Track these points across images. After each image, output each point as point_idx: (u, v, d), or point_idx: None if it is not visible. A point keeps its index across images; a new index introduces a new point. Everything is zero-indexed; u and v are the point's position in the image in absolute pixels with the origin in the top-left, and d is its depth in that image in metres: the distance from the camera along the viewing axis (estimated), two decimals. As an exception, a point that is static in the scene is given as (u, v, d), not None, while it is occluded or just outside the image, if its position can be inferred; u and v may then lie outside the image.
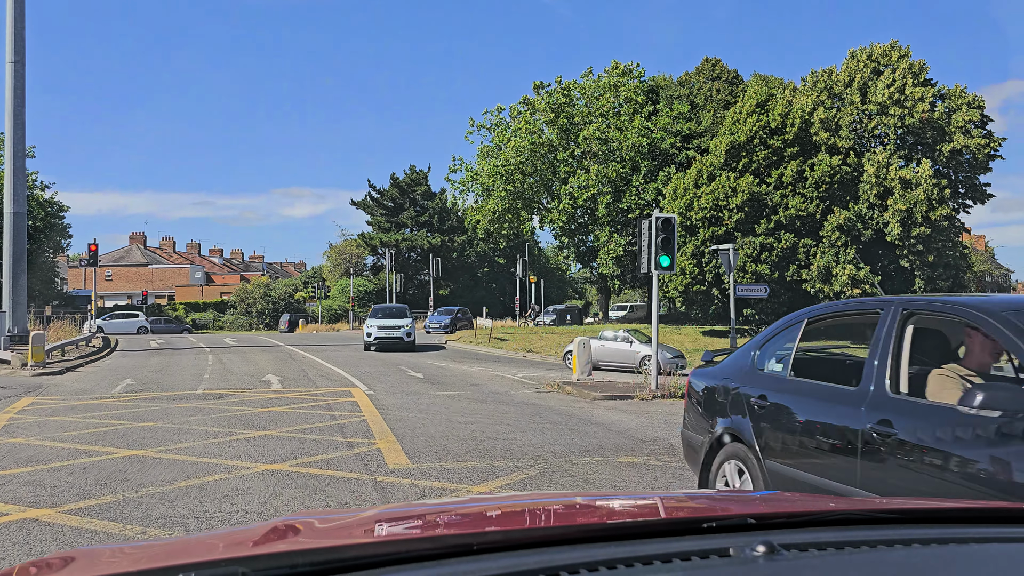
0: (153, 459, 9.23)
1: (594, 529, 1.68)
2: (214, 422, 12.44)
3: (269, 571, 1.35)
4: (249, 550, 1.58)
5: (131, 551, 1.88)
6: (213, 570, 1.35)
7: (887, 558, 1.51)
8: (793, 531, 1.64)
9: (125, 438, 10.81)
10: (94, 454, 9.57)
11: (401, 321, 32.18)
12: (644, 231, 17.81)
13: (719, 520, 1.68)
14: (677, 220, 18.37)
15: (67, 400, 15.79)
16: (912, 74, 38.19)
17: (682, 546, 1.49)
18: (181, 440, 10.67)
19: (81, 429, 11.68)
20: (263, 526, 1.84)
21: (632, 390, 17.54)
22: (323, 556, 1.44)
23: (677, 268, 40.23)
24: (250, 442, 10.50)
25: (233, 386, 18.45)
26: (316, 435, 11.20)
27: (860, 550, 1.53)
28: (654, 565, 1.40)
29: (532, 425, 12.49)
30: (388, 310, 34.54)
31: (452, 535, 1.76)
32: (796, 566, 1.42)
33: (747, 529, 1.63)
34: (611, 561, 1.39)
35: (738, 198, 36.77)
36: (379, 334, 31.56)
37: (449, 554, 1.42)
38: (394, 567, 1.36)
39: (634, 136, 46.94)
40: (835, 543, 1.54)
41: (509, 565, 1.37)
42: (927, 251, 35.81)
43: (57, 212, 62.15)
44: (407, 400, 15.74)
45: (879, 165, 36.51)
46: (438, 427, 12.07)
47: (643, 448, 10.53)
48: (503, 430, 11.91)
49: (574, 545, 1.48)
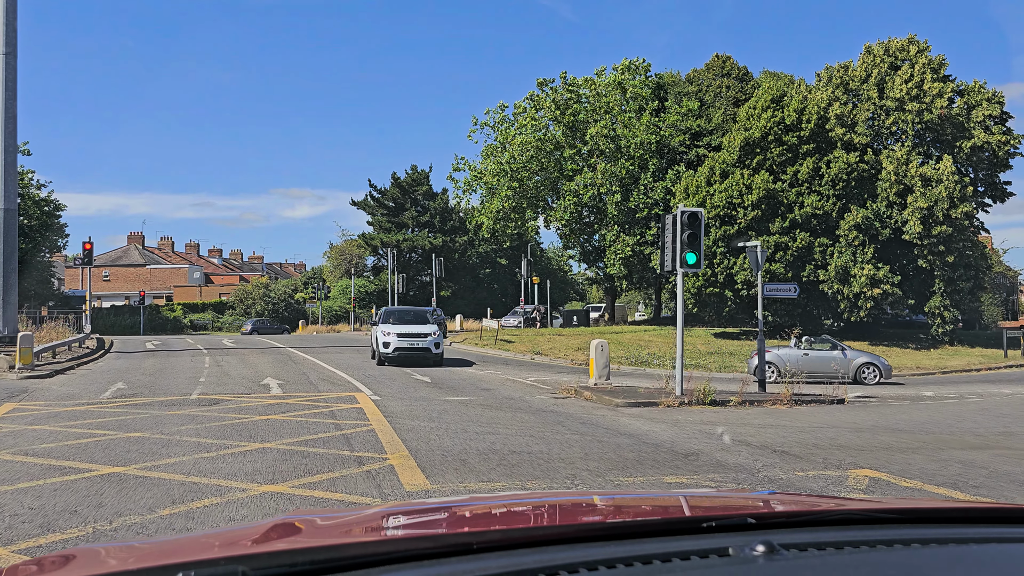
0: (136, 478, 8.11)
1: (594, 528, 1.68)
2: (208, 432, 11.34)
3: (269, 570, 1.33)
4: (249, 549, 1.60)
5: (131, 549, 1.87)
6: (213, 569, 1.33)
7: (887, 558, 1.49)
8: (793, 531, 1.62)
9: (108, 451, 9.70)
10: (69, 471, 8.46)
11: (425, 328, 25.28)
12: (668, 226, 16.70)
13: (719, 520, 1.66)
14: (704, 215, 17.28)
15: (51, 406, 14.67)
16: (931, 69, 37.09)
17: (682, 546, 1.47)
18: (170, 454, 9.56)
19: (60, 440, 10.57)
20: (263, 524, 1.86)
21: (655, 396, 16.45)
22: (323, 555, 1.43)
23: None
24: (246, 457, 9.39)
25: (230, 391, 17.35)
26: (320, 448, 10.10)
27: (860, 550, 1.51)
28: (654, 565, 1.39)
29: (557, 436, 11.38)
30: (406, 314, 26.94)
31: (452, 534, 1.80)
32: (796, 566, 1.40)
33: (747, 529, 1.60)
34: (611, 561, 1.38)
35: (753, 195, 35.65)
36: (400, 344, 24.53)
37: (449, 553, 1.41)
38: (394, 566, 1.35)
39: (642, 133, 45.82)
40: (835, 543, 1.52)
41: (509, 564, 1.36)
42: (948, 251, 34.67)
43: (53, 211, 60.99)
44: (416, 407, 14.63)
45: (898, 162, 35.37)
46: (454, 439, 10.97)
47: (687, 465, 9.43)
48: (526, 442, 10.80)
49: (574, 544, 1.47)
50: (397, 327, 25.03)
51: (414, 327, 25.15)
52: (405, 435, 11.17)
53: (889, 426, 13.15)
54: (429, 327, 25.44)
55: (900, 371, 28.46)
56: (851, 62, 40.05)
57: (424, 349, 24.68)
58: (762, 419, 13.90)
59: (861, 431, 12.44)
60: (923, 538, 1.58)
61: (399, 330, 24.82)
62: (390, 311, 26.91)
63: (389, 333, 24.72)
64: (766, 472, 9.00)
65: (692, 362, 27.69)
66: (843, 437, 11.68)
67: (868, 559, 1.48)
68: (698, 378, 19.39)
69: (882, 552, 1.52)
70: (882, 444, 11.08)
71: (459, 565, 1.37)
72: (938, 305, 35.55)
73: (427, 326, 25.52)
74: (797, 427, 12.78)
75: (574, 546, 1.46)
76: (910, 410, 15.96)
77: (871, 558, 1.49)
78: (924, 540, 1.57)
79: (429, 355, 24.75)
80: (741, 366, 28.82)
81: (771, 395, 16.84)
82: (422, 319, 26.44)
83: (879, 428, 12.87)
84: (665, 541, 1.52)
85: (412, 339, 24.64)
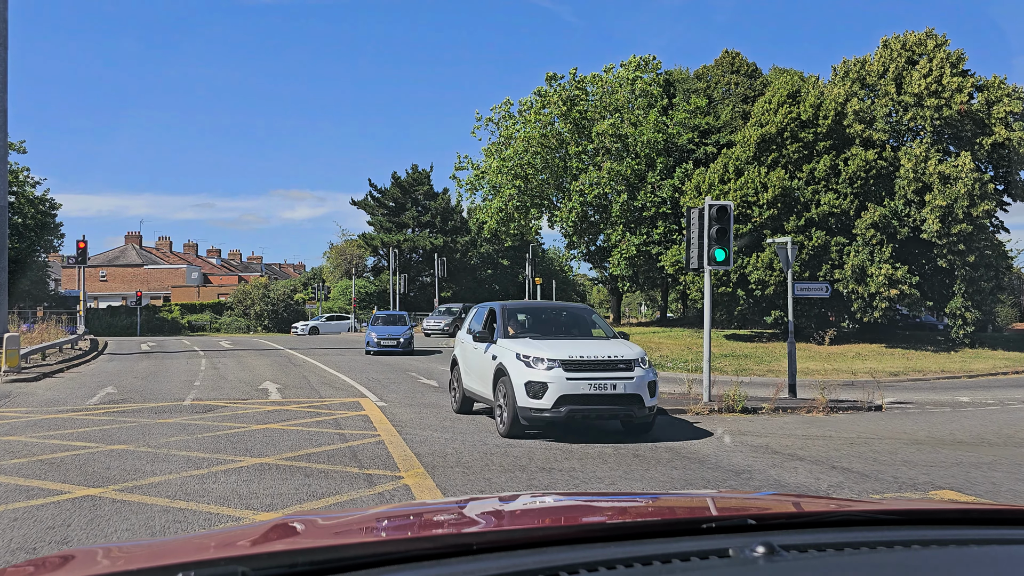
0: (112, 503, 7.00)
1: (594, 529, 1.67)
2: (199, 444, 10.22)
3: (269, 570, 1.33)
4: (249, 549, 1.59)
5: (130, 549, 1.84)
6: (213, 569, 1.33)
7: (887, 559, 1.49)
8: (793, 532, 1.61)
9: (85, 469, 8.58)
10: (37, 494, 7.35)
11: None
12: (694, 221, 15.59)
13: (719, 521, 1.66)
14: (733, 208, 16.17)
15: (32, 413, 13.55)
16: (950, 64, 35.98)
17: (682, 547, 1.46)
18: (155, 471, 8.45)
19: (34, 455, 9.46)
20: (263, 525, 1.85)
21: (681, 402, 15.34)
22: (323, 555, 1.42)
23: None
24: (241, 476, 8.27)
25: (226, 396, 16.23)
26: (325, 463, 8.99)
27: (860, 551, 1.51)
28: (653, 566, 1.39)
29: (588, 449, 10.25)
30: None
31: (452, 535, 1.78)
32: (796, 567, 1.41)
33: (747, 530, 1.59)
34: (610, 561, 1.37)
35: (769, 193, 34.51)
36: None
37: (449, 554, 1.41)
38: (394, 566, 1.35)
39: (650, 131, 44.68)
40: (835, 544, 1.52)
41: (509, 565, 1.36)
42: (968, 250, 33.51)
43: (49, 210, 59.83)
44: (426, 415, 13.51)
45: (917, 159, 34.24)
46: (473, 453, 9.85)
47: (742, 484, 8.31)
48: (554, 456, 9.69)
49: (574, 545, 1.47)
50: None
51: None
52: (418, 448, 10.06)
53: (944, 437, 12.04)
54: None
55: (924, 375, 27.33)
56: (868, 56, 38.93)
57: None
58: (804, 428, 12.78)
59: (919, 443, 11.33)
60: (923, 539, 1.57)
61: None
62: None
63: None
64: (836, 493, 7.89)
65: (708, 365, 26.59)
66: (903, 451, 10.56)
67: (868, 560, 1.48)
68: (722, 383, 18.29)
69: (882, 553, 1.51)
70: (950, 459, 9.96)
71: (459, 566, 1.36)
72: (959, 306, 34.41)
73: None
74: (846, 438, 11.66)
75: (574, 547, 1.46)
76: (957, 418, 14.85)
77: (871, 559, 1.48)
78: (924, 541, 1.56)
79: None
80: (759, 369, 27.70)
81: (805, 401, 15.71)
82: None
83: (936, 440, 11.75)
84: (665, 542, 1.51)
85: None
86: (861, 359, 31.57)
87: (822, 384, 17.19)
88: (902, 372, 27.41)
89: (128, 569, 1.44)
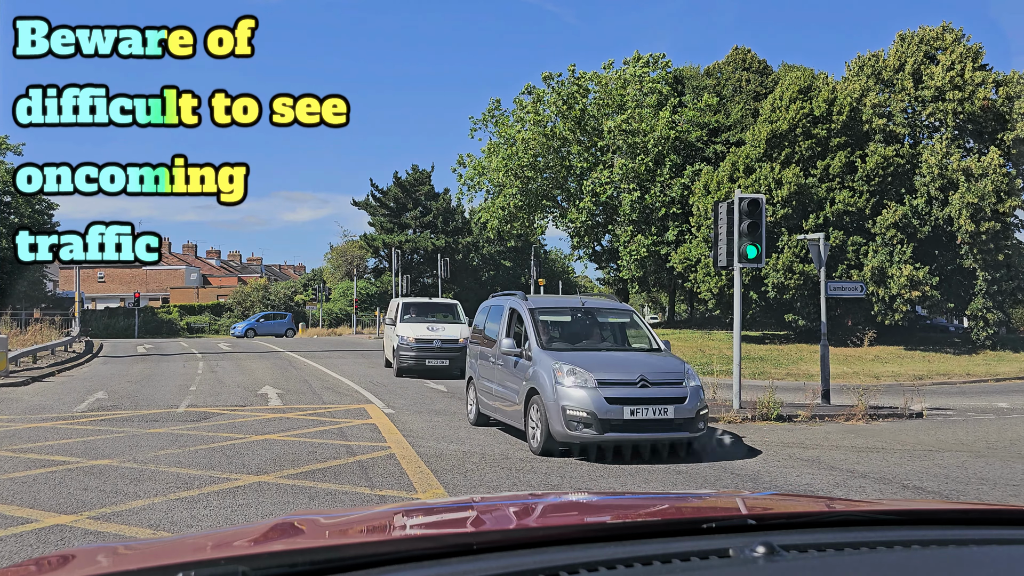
0: (85, 535, 5.98)
1: (594, 529, 1.66)
2: (191, 459, 9.19)
3: (269, 570, 1.31)
4: (249, 549, 1.58)
5: (130, 549, 1.79)
6: (213, 569, 1.31)
7: (887, 559, 1.47)
8: (793, 532, 1.59)
9: (59, 490, 7.55)
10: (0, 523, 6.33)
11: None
12: (722, 216, 14.57)
13: (719, 521, 1.63)
14: (764, 201, 15.14)
15: (13, 422, 12.53)
16: (971, 58, 34.99)
17: (682, 547, 1.44)
18: (139, 493, 7.43)
19: (5, 471, 8.44)
20: (263, 525, 1.83)
21: (711, 410, 14.30)
22: (323, 555, 1.41)
23: (713, 269, 37.15)
24: (237, 498, 7.25)
25: (223, 402, 15.20)
26: (331, 482, 7.97)
27: (860, 551, 1.49)
28: (654, 566, 1.37)
29: (624, 468, 9.22)
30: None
31: (452, 535, 1.76)
32: (796, 567, 1.39)
33: (747, 530, 1.57)
34: (611, 561, 1.36)
35: (784, 191, 33.47)
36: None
37: (449, 554, 1.39)
38: (394, 566, 1.33)
39: (660, 128, 43.63)
40: (835, 544, 1.50)
41: (509, 565, 1.34)
42: (997, 249, 32.47)
43: (46, 210, 58.85)
44: (438, 424, 12.48)
45: (940, 155, 33.20)
46: (497, 469, 8.83)
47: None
48: (588, 474, 8.67)
49: (574, 545, 1.45)
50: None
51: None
52: (433, 463, 9.04)
53: (1006, 447, 11.03)
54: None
55: (949, 378, 26.35)
56: (882, 51, 37.93)
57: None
58: (850, 439, 11.76)
59: (982, 455, 10.31)
60: (923, 539, 1.54)
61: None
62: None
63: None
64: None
65: (724, 368, 25.59)
66: (971, 465, 9.53)
67: (868, 560, 1.46)
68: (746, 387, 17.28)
69: (882, 553, 1.49)
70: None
71: (459, 566, 1.34)
72: (980, 307, 33.37)
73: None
74: (901, 450, 10.64)
75: (574, 547, 1.44)
76: (1008, 426, 13.84)
77: (871, 559, 1.47)
78: (924, 541, 1.54)
79: None
80: (777, 372, 26.71)
81: (842, 408, 14.67)
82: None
83: (999, 450, 10.74)
84: (665, 542, 1.49)
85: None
86: (881, 362, 30.58)
87: (855, 389, 16.18)
88: (926, 376, 26.43)
89: (128, 569, 1.44)
